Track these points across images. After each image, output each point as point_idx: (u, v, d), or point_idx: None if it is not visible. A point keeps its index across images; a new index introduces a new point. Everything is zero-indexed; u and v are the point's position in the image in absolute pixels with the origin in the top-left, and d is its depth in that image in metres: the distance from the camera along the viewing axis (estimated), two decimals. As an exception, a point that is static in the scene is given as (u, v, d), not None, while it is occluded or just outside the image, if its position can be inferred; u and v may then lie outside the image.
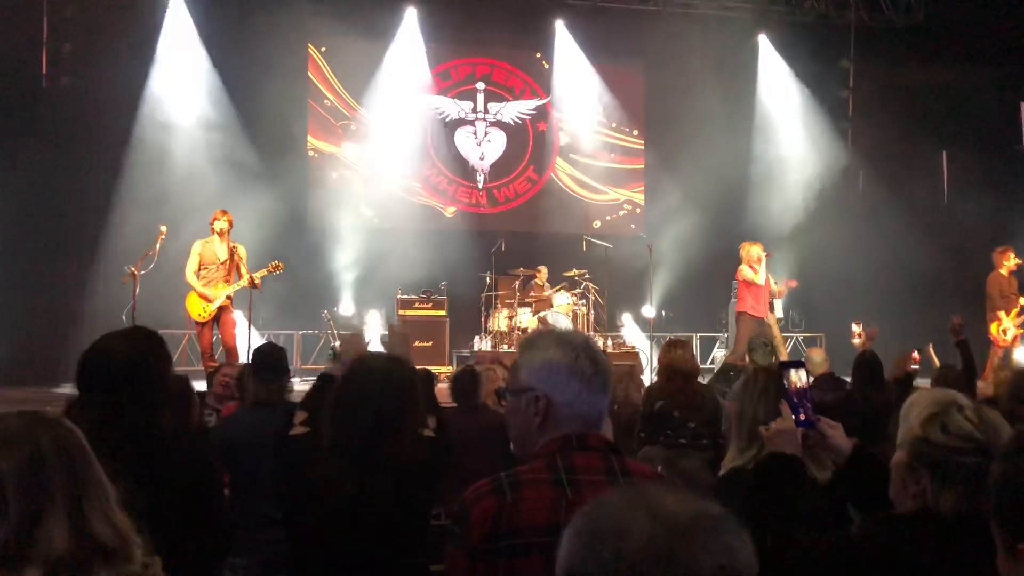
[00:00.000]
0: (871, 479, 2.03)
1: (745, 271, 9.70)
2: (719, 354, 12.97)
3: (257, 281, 8.58)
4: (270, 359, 4.03)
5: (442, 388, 10.51)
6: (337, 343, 10.94)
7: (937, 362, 7.30)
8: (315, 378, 3.50)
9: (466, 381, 5.37)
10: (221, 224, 8.59)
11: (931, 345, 8.17)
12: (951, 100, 11.83)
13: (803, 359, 2.38)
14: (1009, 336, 9.52)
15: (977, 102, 11.69)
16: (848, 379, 5.98)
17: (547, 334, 1.93)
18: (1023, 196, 11.79)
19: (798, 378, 2.12)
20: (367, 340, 11.44)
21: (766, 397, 2.70)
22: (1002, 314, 9.55)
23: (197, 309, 8.56)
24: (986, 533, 1.79)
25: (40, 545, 1.43)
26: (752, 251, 9.82)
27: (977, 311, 9.89)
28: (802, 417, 2.07)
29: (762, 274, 9.75)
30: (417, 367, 5.65)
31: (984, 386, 8.67)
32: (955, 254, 11.09)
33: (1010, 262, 9.64)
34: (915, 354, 6.70)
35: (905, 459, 1.86)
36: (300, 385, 10.21)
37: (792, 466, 2.03)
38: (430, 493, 2.62)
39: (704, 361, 13.04)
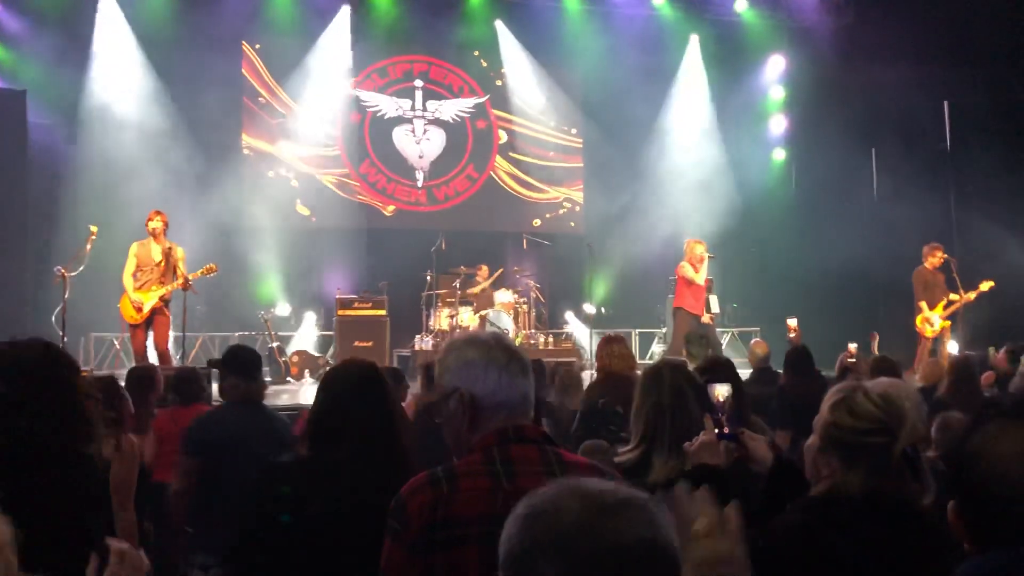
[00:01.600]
0: (794, 487, 2.09)
1: (686, 268, 9.78)
2: (658, 349, 13.12)
3: (191, 284, 8.40)
4: (245, 359, 4.03)
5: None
6: (275, 344, 10.82)
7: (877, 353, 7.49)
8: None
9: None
10: (155, 224, 8.40)
11: (876, 337, 8.37)
12: (880, 100, 12.12)
13: (727, 365, 2.44)
14: (936, 327, 9.81)
15: (904, 102, 12.00)
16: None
17: (457, 338, 1.97)
18: (948, 195, 12.14)
19: (721, 392, 2.17)
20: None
21: (660, 389, 2.72)
22: (923, 306, 9.86)
23: (130, 311, 8.37)
24: (892, 509, 1.86)
25: None
26: (696, 249, 9.85)
27: (909, 305, 10.19)
28: (725, 430, 2.12)
29: (703, 274, 9.83)
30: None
31: (912, 376, 8.94)
32: (886, 251, 11.37)
33: (935, 258, 9.95)
34: (851, 347, 6.87)
35: (817, 443, 1.93)
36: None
37: (716, 477, 2.08)
38: None
39: (643, 356, 13.18)
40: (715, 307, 12.54)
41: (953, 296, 9.80)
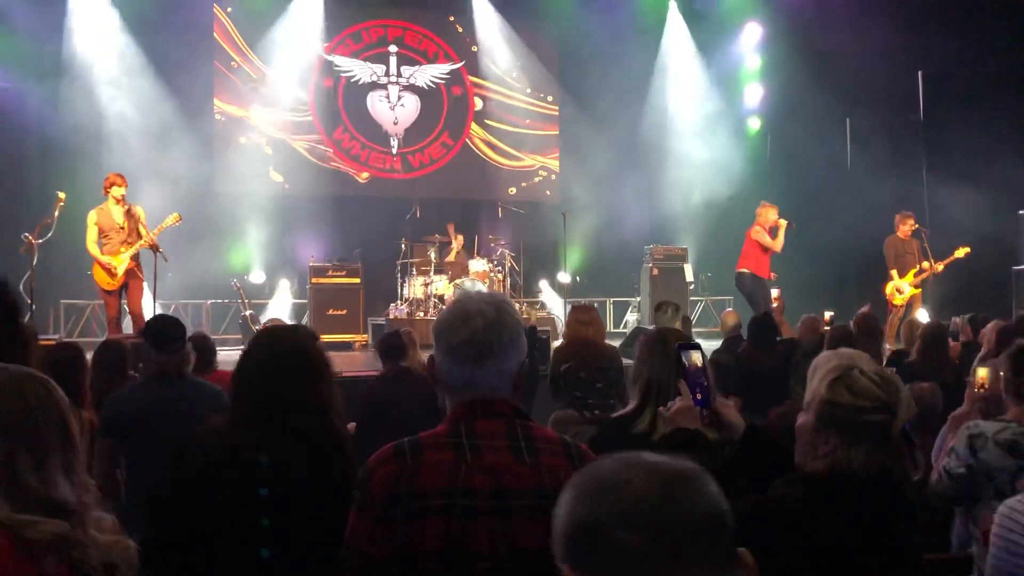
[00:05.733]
0: (763, 453, 2.12)
1: (760, 233, 9.83)
2: (631, 318, 13.19)
3: (155, 242, 8.31)
4: (162, 331, 3.83)
5: (358, 356, 10.46)
6: (248, 312, 10.76)
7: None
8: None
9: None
10: (118, 189, 8.30)
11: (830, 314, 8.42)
12: (855, 69, 12.13)
13: (697, 342, 2.49)
14: (906, 294, 9.92)
15: (879, 72, 12.02)
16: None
17: (453, 298, 1.94)
18: (921, 165, 12.21)
19: (696, 359, 2.20)
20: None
21: (655, 357, 2.81)
22: (894, 273, 9.97)
23: (105, 277, 8.29)
24: (893, 487, 1.90)
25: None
26: (770, 215, 9.93)
27: (882, 274, 10.30)
28: (698, 396, 2.15)
29: (780, 240, 9.85)
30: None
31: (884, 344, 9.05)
32: (859, 220, 11.45)
33: (906, 226, 10.04)
34: (826, 315, 6.93)
35: (812, 421, 1.95)
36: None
37: (695, 441, 2.11)
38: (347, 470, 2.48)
39: (618, 325, 13.25)
40: (689, 276, 12.63)
41: (924, 264, 9.91)
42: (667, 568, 1.05)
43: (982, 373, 3.50)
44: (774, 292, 10.04)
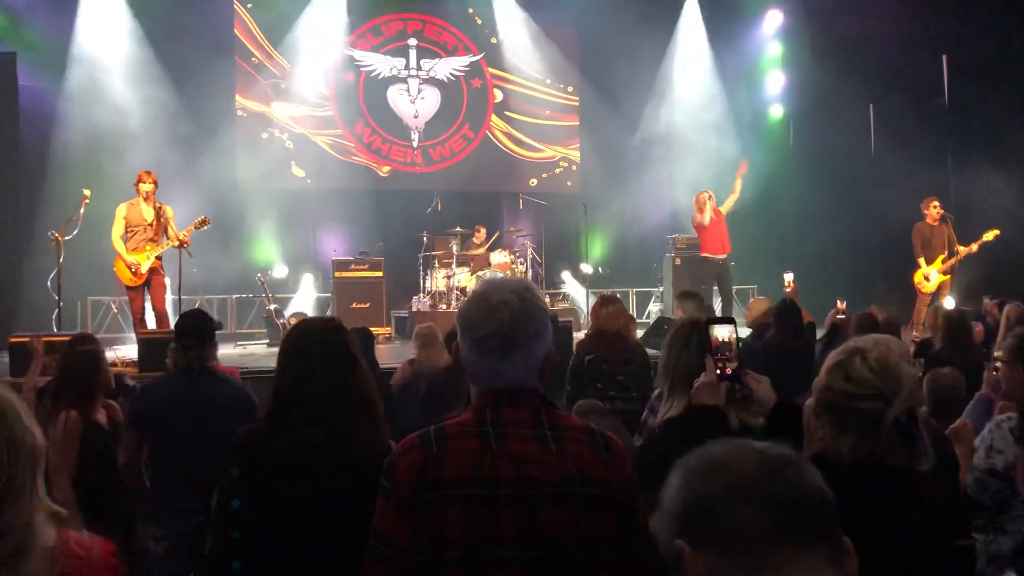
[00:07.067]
0: (791, 430, 2.09)
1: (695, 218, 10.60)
2: (654, 308, 13.14)
3: (186, 240, 8.39)
4: (191, 325, 3.87)
5: (379, 349, 10.49)
6: (272, 307, 10.82)
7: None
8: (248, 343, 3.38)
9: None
10: (147, 186, 8.38)
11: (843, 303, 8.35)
12: (878, 54, 11.99)
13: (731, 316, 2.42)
14: (934, 282, 9.80)
15: (903, 57, 11.88)
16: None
17: (478, 287, 1.91)
18: (945, 148, 12.06)
19: (723, 334, 2.16)
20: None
21: (689, 347, 2.77)
22: (922, 261, 9.84)
23: (127, 274, 8.37)
24: (879, 476, 1.86)
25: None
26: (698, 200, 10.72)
27: (907, 261, 10.18)
28: (728, 371, 2.12)
29: (708, 214, 10.56)
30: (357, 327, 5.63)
31: (909, 332, 8.97)
32: (884, 207, 11.33)
33: (933, 210, 9.91)
34: (840, 304, 6.87)
35: (813, 406, 1.93)
36: (234, 350, 10.11)
37: (713, 416, 2.08)
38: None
39: (640, 316, 13.20)
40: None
41: (959, 248, 9.75)
42: (778, 542, 1.11)
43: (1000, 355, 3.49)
44: (788, 277, 10.00)
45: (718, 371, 2.12)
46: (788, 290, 9.53)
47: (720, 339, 2.15)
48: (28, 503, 1.49)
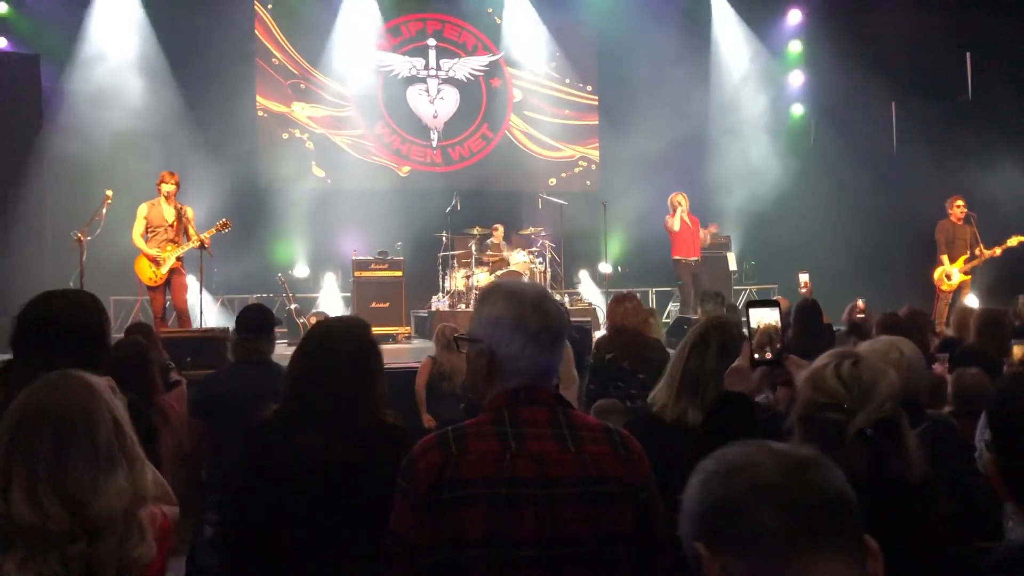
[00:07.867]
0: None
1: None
2: (673, 308, 13.09)
3: (206, 241, 8.45)
4: (250, 319, 4.10)
5: (399, 348, 10.51)
6: (293, 306, 10.87)
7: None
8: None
9: None
10: (169, 187, 8.44)
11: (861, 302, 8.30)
12: (900, 51, 11.90)
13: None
14: (954, 281, 9.72)
15: (925, 53, 11.78)
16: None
17: (499, 287, 1.89)
18: (969, 146, 11.95)
19: (762, 318, 2.05)
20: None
21: (701, 351, 2.69)
22: (944, 259, 9.76)
23: (148, 273, 8.42)
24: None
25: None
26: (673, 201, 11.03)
27: (929, 259, 10.10)
28: (767, 356, 2.03)
29: (677, 220, 10.84)
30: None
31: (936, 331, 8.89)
32: (904, 204, 11.24)
33: (957, 209, 9.82)
34: (860, 303, 6.83)
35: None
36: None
37: (739, 404, 2.01)
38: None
39: (660, 316, 13.14)
40: (732, 264, 12.51)
41: (979, 251, 9.67)
42: (800, 545, 1.09)
43: (1018, 350, 3.49)
44: (804, 277, 9.97)
45: (756, 356, 2.03)
46: (803, 290, 9.50)
47: (759, 325, 2.05)
48: (123, 472, 1.70)
